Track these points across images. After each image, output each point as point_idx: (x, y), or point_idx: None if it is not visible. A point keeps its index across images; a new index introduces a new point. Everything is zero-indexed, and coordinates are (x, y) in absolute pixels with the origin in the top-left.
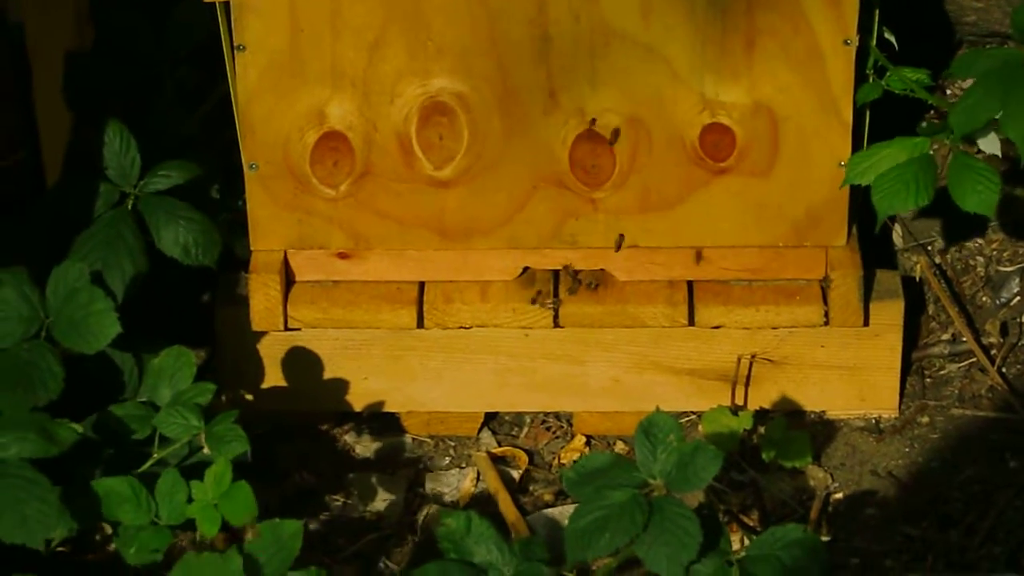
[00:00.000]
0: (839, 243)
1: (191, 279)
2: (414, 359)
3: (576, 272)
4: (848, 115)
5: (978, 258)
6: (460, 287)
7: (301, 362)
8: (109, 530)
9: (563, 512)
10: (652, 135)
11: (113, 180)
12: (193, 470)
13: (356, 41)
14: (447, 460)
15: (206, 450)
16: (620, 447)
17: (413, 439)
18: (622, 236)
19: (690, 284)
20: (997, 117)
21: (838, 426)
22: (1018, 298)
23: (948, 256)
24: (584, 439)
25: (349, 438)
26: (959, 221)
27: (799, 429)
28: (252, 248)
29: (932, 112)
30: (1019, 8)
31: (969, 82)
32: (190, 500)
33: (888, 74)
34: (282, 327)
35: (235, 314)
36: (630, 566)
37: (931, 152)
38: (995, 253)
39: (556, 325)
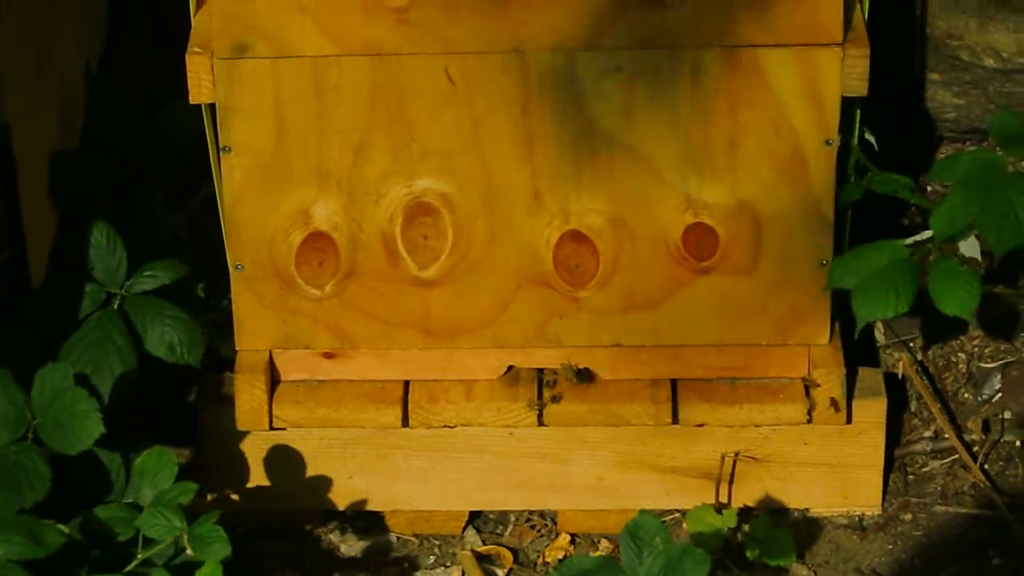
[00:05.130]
0: (822, 341)
1: (176, 379)
2: (399, 458)
3: (554, 382)
4: (830, 214)
5: (960, 355)
6: (445, 386)
7: (286, 461)
8: None
9: None
10: (635, 235)
11: (100, 280)
12: (182, 569)
13: (341, 142)
14: (432, 559)
15: (189, 551)
16: (604, 545)
17: (398, 538)
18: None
19: (673, 382)
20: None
21: (822, 523)
22: (1000, 395)
23: (930, 353)
24: (569, 537)
25: (334, 537)
26: (940, 319)
27: (783, 527)
28: (237, 348)
29: (914, 209)
30: (997, 114)
31: None
32: None
33: (871, 174)
34: (267, 427)
35: (220, 414)
36: None
37: (912, 255)
38: (976, 350)
39: (540, 424)
